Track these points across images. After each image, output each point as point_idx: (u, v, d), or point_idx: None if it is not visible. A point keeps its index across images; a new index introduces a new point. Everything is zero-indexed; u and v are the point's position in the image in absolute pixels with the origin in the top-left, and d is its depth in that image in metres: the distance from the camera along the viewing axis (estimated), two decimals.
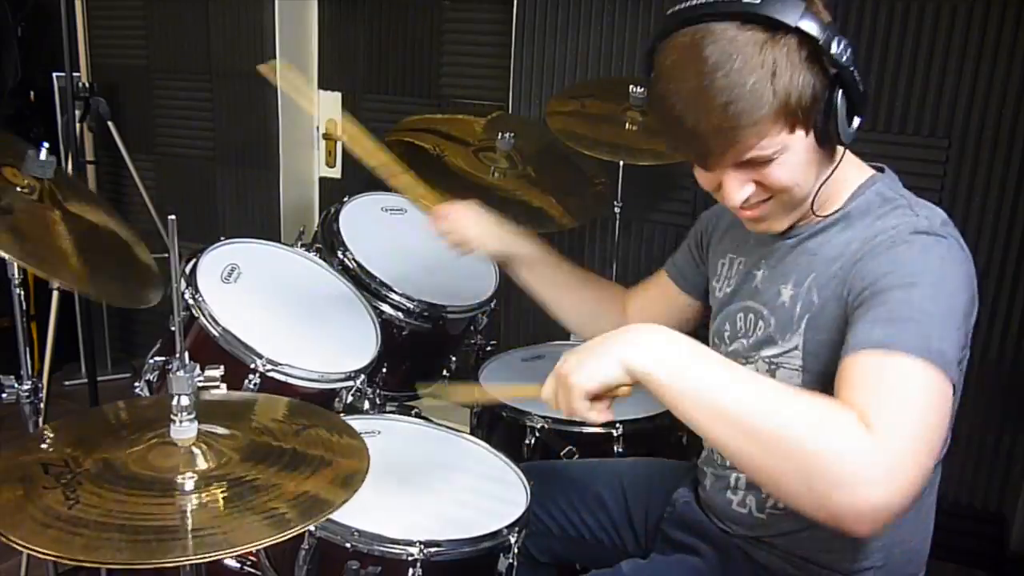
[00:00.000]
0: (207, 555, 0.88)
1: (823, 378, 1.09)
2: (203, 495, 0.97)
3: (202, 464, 1.02)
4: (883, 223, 1.10)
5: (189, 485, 0.98)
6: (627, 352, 1.00)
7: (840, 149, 1.11)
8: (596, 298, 1.56)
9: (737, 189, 1.07)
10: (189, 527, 0.92)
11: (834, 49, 1.00)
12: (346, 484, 1.00)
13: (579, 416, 1.04)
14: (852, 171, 1.16)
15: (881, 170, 1.20)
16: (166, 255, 1.06)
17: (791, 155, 1.05)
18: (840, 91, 1.03)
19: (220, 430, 1.08)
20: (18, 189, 1.52)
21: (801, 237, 1.18)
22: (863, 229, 1.11)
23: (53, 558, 0.87)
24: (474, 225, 1.51)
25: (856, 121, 1.07)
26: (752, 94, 0.98)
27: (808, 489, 0.89)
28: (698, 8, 1.01)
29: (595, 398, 1.03)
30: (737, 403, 0.94)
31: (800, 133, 1.04)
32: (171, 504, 0.96)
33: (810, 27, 0.98)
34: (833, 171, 1.11)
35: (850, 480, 0.87)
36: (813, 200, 1.13)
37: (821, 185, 1.11)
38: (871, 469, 0.88)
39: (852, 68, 1.01)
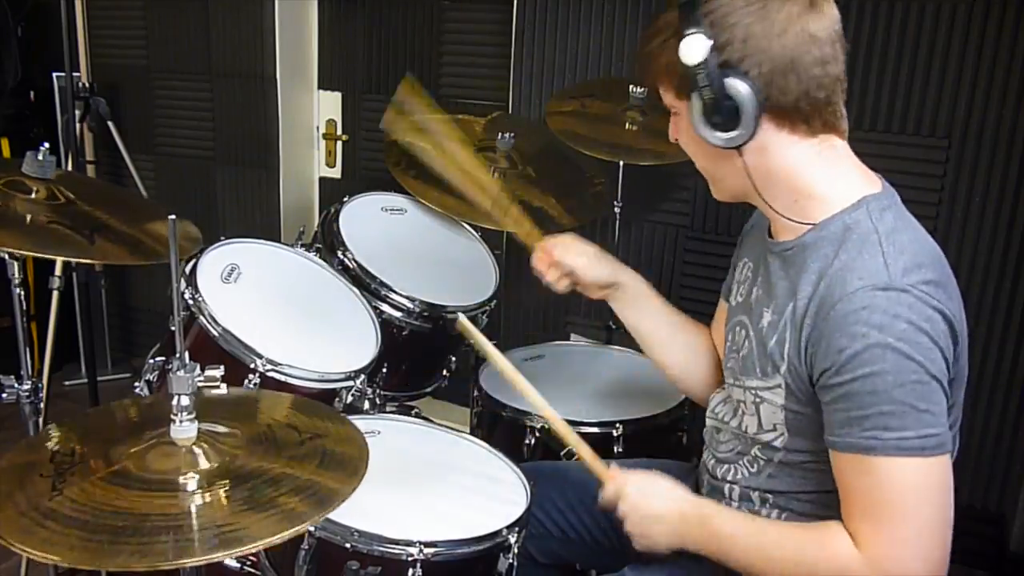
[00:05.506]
0: (161, 563, 0.87)
1: (804, 418, 1.14)
2: (185, 496, 0.97)
3: (204, 464, 1.02)
4: (851, 260, 1.08)
5: (190, 486, 0.98)
6: (665, 544, 1.25)
7: (744, 156, 1.11)
8: (689, 344, 1.49)
9: (670, 130, 1.25)
10: (155, 530, 0.91)
11: (700, 80, 1.07)
12: (339, 491, 1.00)
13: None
14: (840, 184, 1.14)
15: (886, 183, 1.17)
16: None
17: (682, 121, 1.18)
18: (696, 93, 1.09)
19: (221, 428, 1.08)
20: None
21: (786, 255, 1.17)
22: (832, 260, 1.10)
23: (5, 543, 0.86)
24: (579, 255, 1.49)
25: (716, 131, 1.10)
26: (662, 47, 1.14)
27: None
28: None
29: None
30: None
31: (686, 105, 1.13)
32: (138, 502, 0.95)
33: (688, 53, 1.06)
34: (755, 177, 1.13)
35: None
36: (768, 203, 1.15)
37: (755, 185, 1.14)
38: None
39: (709, 86, 1.06)
